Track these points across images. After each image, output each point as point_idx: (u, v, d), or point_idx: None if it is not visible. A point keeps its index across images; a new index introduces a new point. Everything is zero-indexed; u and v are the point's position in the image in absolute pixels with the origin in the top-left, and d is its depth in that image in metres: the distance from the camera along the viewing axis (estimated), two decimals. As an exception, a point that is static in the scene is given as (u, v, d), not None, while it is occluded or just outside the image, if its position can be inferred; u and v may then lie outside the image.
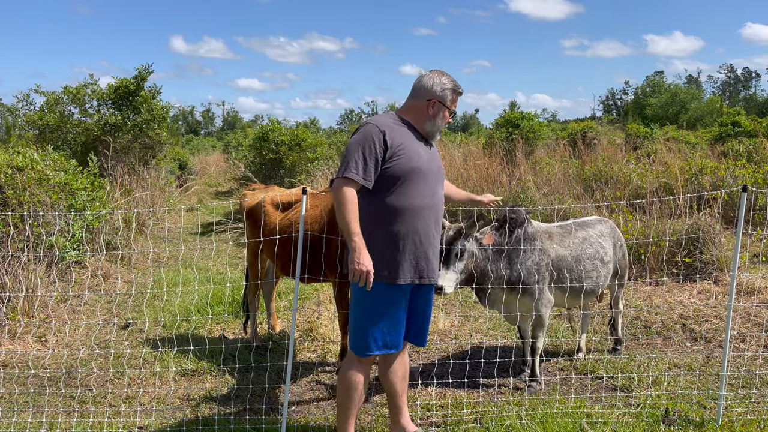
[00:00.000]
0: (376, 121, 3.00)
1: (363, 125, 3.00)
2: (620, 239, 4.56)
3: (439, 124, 3.11)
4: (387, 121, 3.01)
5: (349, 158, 2.91)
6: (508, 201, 9.86)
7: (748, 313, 5.35)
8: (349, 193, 2.87)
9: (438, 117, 3.09)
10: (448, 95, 3.09)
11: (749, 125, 17.99)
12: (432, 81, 3.08)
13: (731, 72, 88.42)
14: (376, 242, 2.94)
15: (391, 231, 2.96)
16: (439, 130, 3.15)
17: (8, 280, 5.17)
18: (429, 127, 3.10)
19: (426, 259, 3.06)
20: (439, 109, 3.08)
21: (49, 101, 11.78)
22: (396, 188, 2.95)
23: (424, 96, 3.08)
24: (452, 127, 77.61)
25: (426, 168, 3.03)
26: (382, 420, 3.68)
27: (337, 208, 2.89)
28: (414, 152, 2.99)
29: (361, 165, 2.88)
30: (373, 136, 2.91)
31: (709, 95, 54.83)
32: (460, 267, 3.73)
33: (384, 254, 2.95)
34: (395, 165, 2.93)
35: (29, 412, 3.76)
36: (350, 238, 2.86)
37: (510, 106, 73.31)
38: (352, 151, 2.92)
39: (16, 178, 6.12)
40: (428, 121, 3.09)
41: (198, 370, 4.42)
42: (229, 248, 8.95)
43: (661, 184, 9.43)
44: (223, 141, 36.73)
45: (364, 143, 2.91)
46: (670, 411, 3.62)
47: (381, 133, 2.92)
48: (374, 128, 2.94)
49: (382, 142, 2.92)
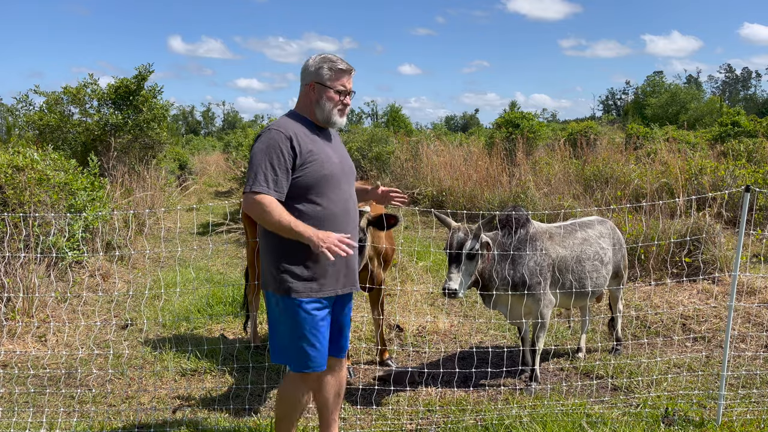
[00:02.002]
0: (280, 126, 2.76)
1: (266, 132, 2.76)
2: (619, 240, 4.56)
3: (328, 108, 2.83)
4: (290, 125, 2.78)
5: (257, 170, 2.67)
6: (509, 201, 9.86)
7: (748, 313, 5.35)
8: (265, 199, 2.64)
9: (323, 100, 2.82)
10: (324, 73, 2.80)
11: (749, 125, 17.99)
12: (307, 63, 2.85)
13: (731, 72, 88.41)
14: (296, 256, 2.74)
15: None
16: (333, 115, 2.85)
17: (8, 280, 5.17)
18: (319, 114, 2.84)
19: (347, 267, 2.87)
20: (321, 92, 2.81)
21: (49, 101, 11.78)
22: (309, 197, 2.74)
23: (305, 81, 2.86)
24: (452, 127, 77.59)
25: (339, 172, 2.84)
26: (382, 420, 3.68)
27: (262, 218, 2.67)
28: (325, 157, 2.79)
29: (271, 176, 2.66)
30: (279, 144, 2.68)
31: (709, 95, 54.86)
32: (471, 269, 3.71)
33: (306, 268, 2.75)
34: (306, 173, 2.73)
35: (29, 412, 3.75)
36: (295, 231, 2.64)
37: (510, 106, 73.34)
38: (258, 162, 2.68)
39: (17, 178, 6.11)
40: (315, 107, 2.84)
41: (198, 370, 4.42)
42: (226, 248, 8.95)
43: (661, 184, 9.42)
44: (223, 141, 36.72)
45: (270, 152, 2.67)
46: (670, 411, 3.62)
47: (287, 140, 2.70)
48: (279, 135, 2.71)
49: (289, 149, 2.70)
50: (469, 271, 3.70)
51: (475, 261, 3.72)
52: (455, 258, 3.67)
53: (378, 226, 3.85)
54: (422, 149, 14.28)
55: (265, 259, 2.84)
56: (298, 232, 2.64)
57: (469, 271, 3.70)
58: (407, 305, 5.91)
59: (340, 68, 2.83)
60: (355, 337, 5.09)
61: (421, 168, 13.49)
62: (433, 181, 12.60)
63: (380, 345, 4.54)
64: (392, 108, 46.93)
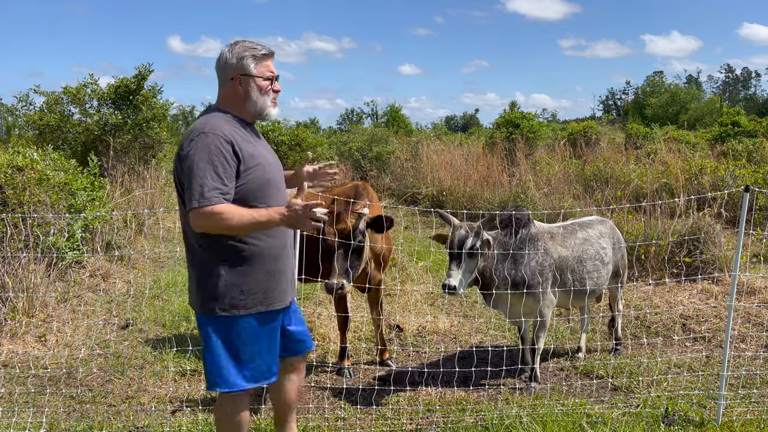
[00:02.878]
0: (216, 129, 2.47)
1: (201, 136, 2.44)
2: (619, 239, 4.57)
3: (261, 100, 2.61)
4: (227, 127, 2.51)
5: (203, 182, 2.37)
6: (509, 201, 9.86)
7: (748, 313, 5.35)
8: (219, 208, 2.37)
9: (253, 92, 2.59)
10: (248, 63, 2.57)
11: (749, 125, 18.01)
12: (226, 56, 2.59)
13: (731, 72, 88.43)
14: (245, 272, 2.53)
15: (259, 254, 2.55)
16: (267, 106, 2.64)
17: (8, 280, 5.17)
18: (251, 108, 2.61)
19: (292, 272, 2.76)
20: (249, 83, 2.58)
21: (49, 101, 11.78)
22: (252, 204, 2.50)
23: (226, 76, 2.60)
24: (452, 127, 77.58)
25: (278, 175, 2.69)
26: (382, 420, 3.68)
27: (225, 228, 2.41)
28: (264, 161, 2.59)
29: (220, 185, 2.40)
30: (221, 149, 2.42)
31: (709, 95, 54.88)
32: (472, 266, 3.72)
33: (257, 282, 2.56)
34: (250, 180, 2.50)
35: (29, 412, 3.75)
36: (263, 223, 2.45)
37: (510, 106, 73.34)
38: (203, 172, 2.38)
39: (16, 178, 6.11)
40: (245, 102, 2.60)
41: (198, 370, 4.41)
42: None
43: (661, 184, 9.43)
44: (223, 141, 36.65)
45: (214, 160, 2.40)
46: (670, 411, 3.62)
47: (229, 144, 2.45)
48: (218, 139, 2.43)
49: (232, 154, 2.44)
50: (469, 268, 3.71)
51: (475, 259, 3.73)
52: (456, 255, 3.69)
53: (376, 229, 3.84)
54: (422, 149, 14.29)
55: (200, 278, 2.55)
56: (266, 221, 2.45)
57: (470, 269, 3.72)
58: (407, 305, 5.91)
59: (264, 53, 2.61)
60: (355, 337, 5.09)
61: (421, 168, 13.49)
62: (433, 181, 12.60)
63: (380, 345, 4.54)
64: (392, 108, 46.98)
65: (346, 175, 13.72)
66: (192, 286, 2.61)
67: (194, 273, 2.58)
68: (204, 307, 2.55)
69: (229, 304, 2.52)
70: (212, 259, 2.52)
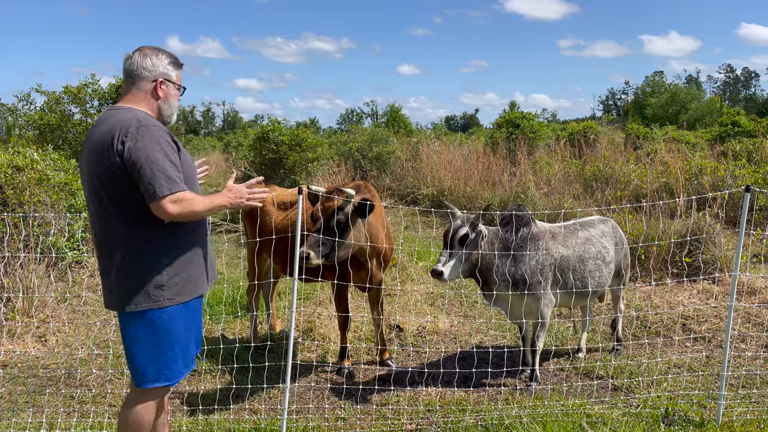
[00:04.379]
0: (153, 121, 2.56)
1: (143, 129, 2.47)
2: (622, 239, 4.56)
3: (174, 105, 2.73)
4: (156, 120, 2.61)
5: (164, 169, 2.42)
6: (509, 201, 9.86)
7: (748, 313, 5.35)
8: (185, 194, 2.44)
9: (171, 98, 2.71)
10: (171, 70, 2.70)
11: (749, 125, 17.99)
12: (152, 60, 2.65)
13: (731, 72, 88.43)
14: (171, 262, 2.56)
15: (187, 242, 2.62)
16: (174, 112, 2.75)
17: (8, 280, 5.17)
18: (166, 112, 2.70)
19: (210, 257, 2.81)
20: (169, 89, 2.70)
21: (50, 101, 11.77)
22: None
23: (148, 78, 2.65)
24: (452, 127, 77.60)
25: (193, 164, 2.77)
26: (382, 420, 3.68)
27: (192, 214, 2.48)
28: (186, 155, 2.68)
29: (177, 172, 2.47)
30: (167, 140, 2.51)
31: (709, 95, 54.90)
32: (464, 256, 3.77)
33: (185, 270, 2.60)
34: (185, 170, 2.59)
35: (29, 412, 3.75)
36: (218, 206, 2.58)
37: (510, 106, 73.38)
38: (160, 160, 2.43)
39: (16, 178, 6.11)
40: (163, 104, 2.69)
41: (197, 370, 4.41)
42: (226, 248, 8.94)
43: (661, 184, 9.43)
44: (223, 141, 36.73)
45: (165, 148, 2.47)
46: (670, 411, 3.62)
47: (168, 135, 2.56)
48: (160, 130, 2.52)
49: (173, 144, 2.54)
50: (460, 257, 3.76)
51: (468, 249, 3.79)
52: (448, 243, 3.79)
53: (362, 214, 3.86)
54: (422, 149, 14.29)
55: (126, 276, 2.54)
56: (218, 204, 2.58)
57: (461, 258, 3.77)
58: (407, 305, 5.90)
59: (181, 63, 2.76)
60: (355, 337, 5.09)
61: (421, 168, 13.49)
62: (434, 181, 12.60)
63: (380, 345, 4.54)
64: (392, 108, 46.99)
65: (346, 175, 13.71)
66: (112, 287, 2.57)
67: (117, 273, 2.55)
68: (135, 304, 2.53)
69: (161, 296, 2.55)
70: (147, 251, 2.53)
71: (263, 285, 5.11)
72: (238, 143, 25.53)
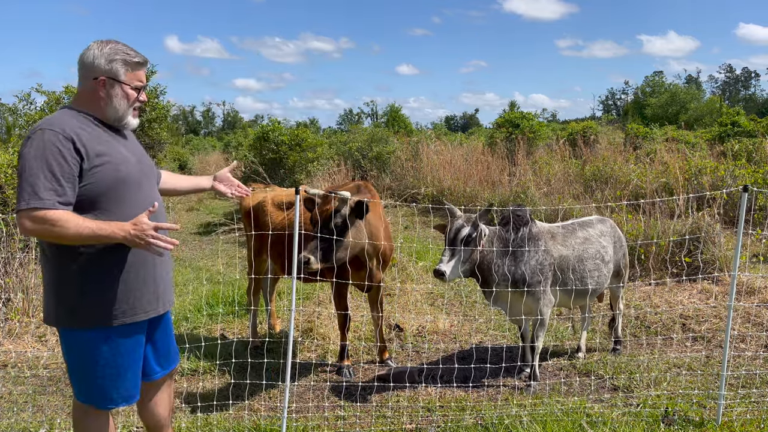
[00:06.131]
0: (55, 125, 2.27)
1: (37, 133, 2.25)
2: (620, 238, 4.57)
3: (123, 107, 2.44)
4: (70, 123, 2.31)
5: (34, 181, 2.18)
6: (509, 201, 9.86)
7: (748, 313, 5.35)
8: (51, 214, 2.16)
9: (115, 98, 2.41)
10: (118, 67, 2.40)
11: (749, 125, 18.00)
12: (94, 54, 2.38)
13: (731, 72, 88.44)
14: (102, 279, 2.33)
15: (119, 260, 2.36)
16: (127, 114, 2.46)
17: (7, 280, 5.17)
18: (111, 113, 2.43)
19: (162, 279, 2.54)
20: (114, 88, 2.41)
21: (50, 101, 11.77)
22: (103, 205, 2.32)
23: (89, 75, 2.40)
24: (452, 127, 77.59)
25: (137, 173, 2.45)
26: (382, 419, 3.68)
27: (55, 236, 2.20)
28: (120, 158, 2.38)
29: (53, 186, 2.19)
30: (58, 147, 2.22)
31: (709, 95, 54.91)
32: (465, 255, 3.76)
33: (115, 290, 2.35)
34: (98, 178, 2.30)
35: (29, 412, 3.76)
36: (104, 236, 2.23)
37: (510, 106, 73.38)
38: (34, 172, 2.19)
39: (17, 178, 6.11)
40: (107, 106, 2.41)
41: (197, 370, 4.42)
42: (226, 248, 8.95)
43: (660, 184, 9.43)
44: (223, 141, 36.74)
45: (48, 158, 2.20)
46: (670, 411, 3.62)
47: (69, 141, 2.24)
48: (57, 136, 2.23)
49: (72, 152, 2.24)
50: (462, 258, 3.76)
51: (470, 249, 3.78)
52: (450, 243, 3.79)
53: (359, 214, 3.86)
54: (422, 149, 14.30)
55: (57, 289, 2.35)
56: (107, 235, 2.23)
57: (463, 259, 3.77)
58: (407, 305, 5.91)
59: (137, 61, 2.45)
60: (354, 336, 5.09)
61: (421, 168, 13.50)
62: (433, 181, 12.61)
63: (380, 344, 4.54)
64: (392, 108, 47.04)
65: (346, 175, 13.71)
66: (47, 299, 2.40)
67: (49, 284, 2.38)
68: (63, 320, 2.36)
69: (91, 317, 2.34)
70: (68, 267, 2.32)
71: (263, 285, 5.11)
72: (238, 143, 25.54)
